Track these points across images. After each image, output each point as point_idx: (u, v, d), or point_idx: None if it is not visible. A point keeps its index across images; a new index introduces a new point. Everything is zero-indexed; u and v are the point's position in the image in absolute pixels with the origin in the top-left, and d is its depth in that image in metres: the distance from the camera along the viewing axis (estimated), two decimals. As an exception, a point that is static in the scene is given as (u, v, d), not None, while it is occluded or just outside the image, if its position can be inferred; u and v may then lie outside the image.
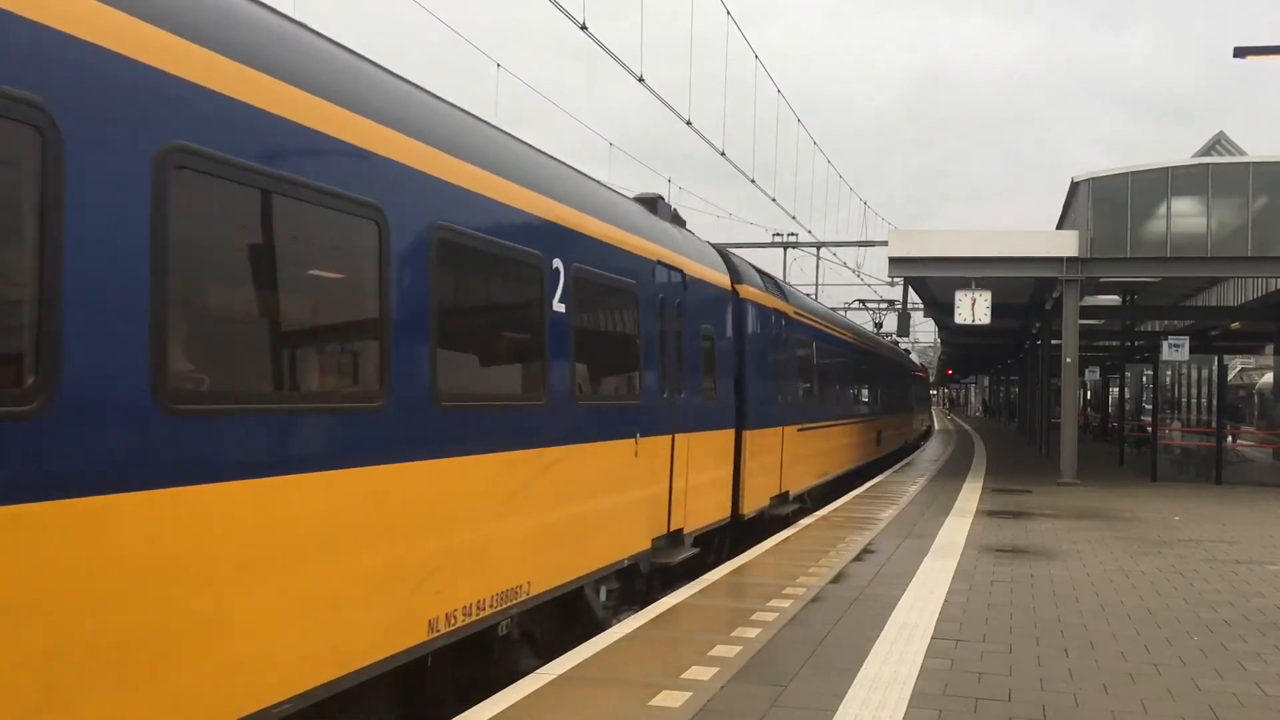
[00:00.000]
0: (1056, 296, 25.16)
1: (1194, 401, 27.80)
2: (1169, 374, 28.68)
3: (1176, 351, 25.89)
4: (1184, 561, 11.93)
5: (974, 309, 23.07)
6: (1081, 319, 24.07)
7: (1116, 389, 37.58)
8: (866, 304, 52.21)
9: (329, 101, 5.28)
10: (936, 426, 61.03)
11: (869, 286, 53.65)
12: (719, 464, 12.19)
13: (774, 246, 43.15)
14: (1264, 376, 35.44)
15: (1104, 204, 22.41)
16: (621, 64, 15.48)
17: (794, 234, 44.08)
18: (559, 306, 7.78)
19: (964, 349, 59.18)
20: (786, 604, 8.89)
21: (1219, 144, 42.88)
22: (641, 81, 16.32)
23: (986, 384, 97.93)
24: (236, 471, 4.50)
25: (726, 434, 12.53)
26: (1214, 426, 24.72)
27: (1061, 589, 10.01)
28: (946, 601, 9.19)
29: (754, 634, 7.76)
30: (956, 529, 14.32)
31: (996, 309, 23.48)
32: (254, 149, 4.68)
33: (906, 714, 5.97)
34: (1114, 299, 33.59)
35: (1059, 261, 22.63)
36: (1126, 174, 22.49)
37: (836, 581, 10.07)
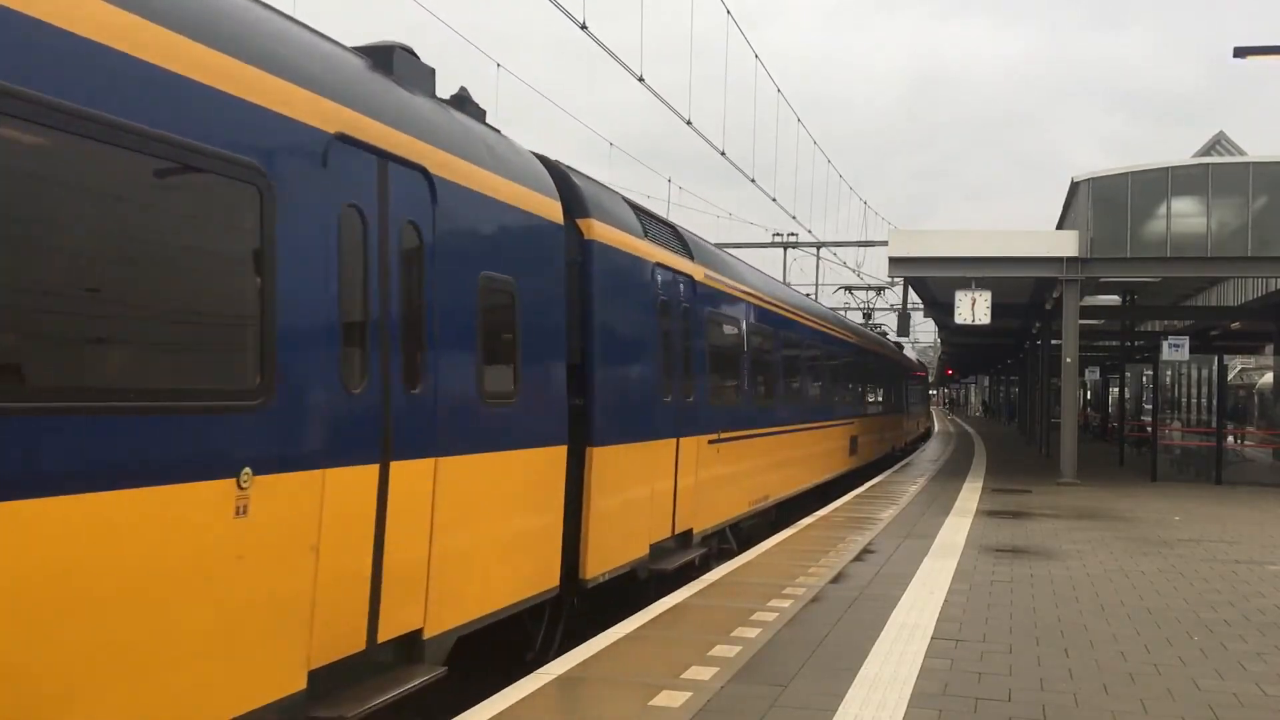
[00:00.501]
0: (1056, 296, 25.17)
1: (1194, 401, 27.82)
2: (1169, 374, 28.69)
3: (1176, 351, 25.89)
4: (1184, 561, 11.93)
5: (974, 309, 23.08)
6: (1081, 319, 24.08)
7: (1116, 389, 37.59)
8: (853, 290, 47.67)
9: None
10: (936, 428, 59.91)
11: (869, 288, 53.25)
12: (527, 504, 7.60)
13: (774, 246, 43.20)
14: (1264, 376, 35.46)
15: (1104, 204, 22.42)
16: (621, 63, 15.49)
17: (794, 234, 44.17)
18: None
19: (964, 349, 59.15)
20: (786, 604, 8.89)
21: (1219, 144, 42.88)
22: (641, 81, 16.32)
23: (986, 384, 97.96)
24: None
25: (548, 454, 7.97)
26: (1214, 426, 24.72)
27: (1061, 589, 10.01)
28: (946, 601, 9.19)
29: (754, 634, 7.76)
30: (956, 529, 14.32)
31: (996, 309, 23.48)
32: None
33: (906, 714, 5.97)
34: (1114, 299, 33.59)
35: (1059, 261, 22.63)
36: (1126, 174, 22.49)
37: (836, 581, 10.07)
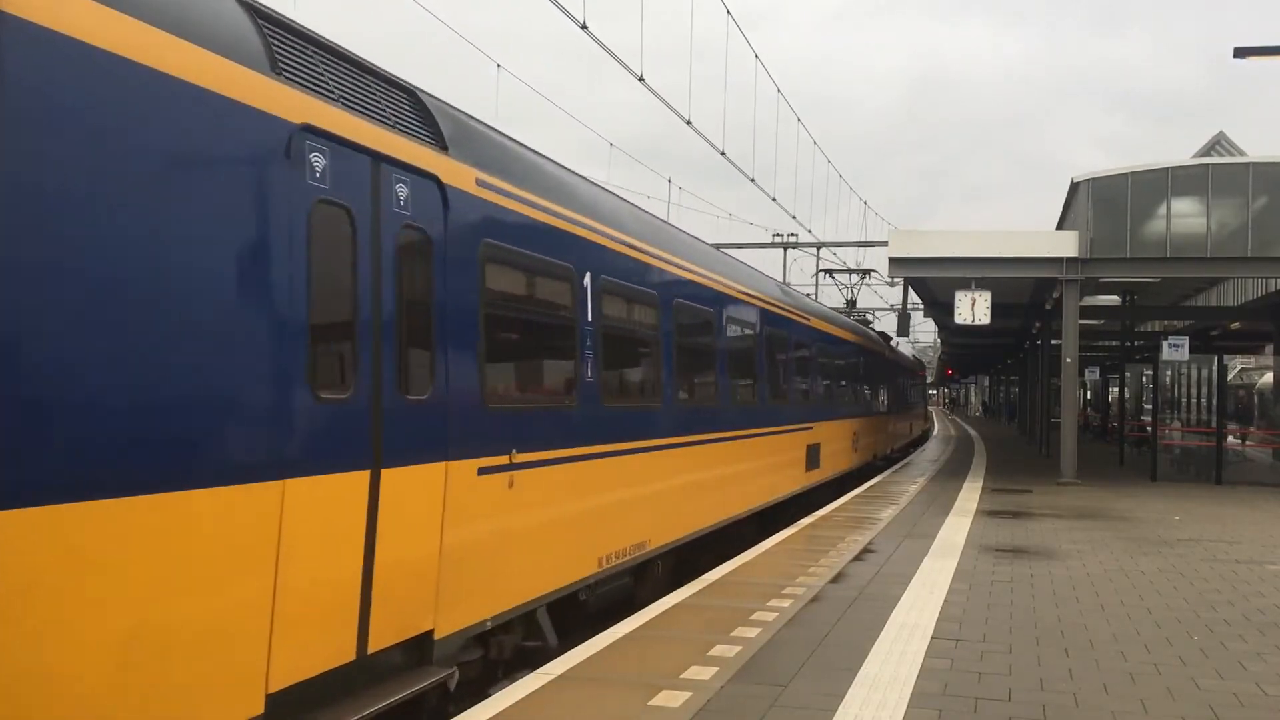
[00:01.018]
0: (1056, 296, 25.17)
1: (1194, 401, 27.82)
2: (1169, 374, 28.69)
3: (1176, 351, 25.90)
4: (1184, 561, 11.93)
5: (974, 309, 23.08)
6: (1081, 319, 24.08)
7: (1116, 389, 37.58)
8: (833, 274, 41.13)
9: None
10: (936, 429, 58.98)
11: (870, 287, 53.28)
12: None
13: (774, 246, 43.17)
14: (1264, 376, 35.46)
15: (1104, 204, 22.42)
16: (621, 63, 15.49)
17: (794, 234, 44.12)
18: None
19: (964, 349, 59.10)
20: (786, 604, 8.89)
21: (1219, 144, 42.89)
22: (641, 81, 16.32)
23: (986, 384, 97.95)
24: None
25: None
26: (1214, 426, 24.72)
27: (1061, 589, 10.01)
28: (946, 601, 9.19)
29: (754, 634, 7.77)
30: (956, 529, 14.32)
31: (996, 309, 23.49)
32: None
33: (906, 714, 5.98)
34: (1114, 299, 33.60)
35: (1059, 262, 22.64)
36: (1126, 174, 22.49)
37: (836, 581, 10.07)
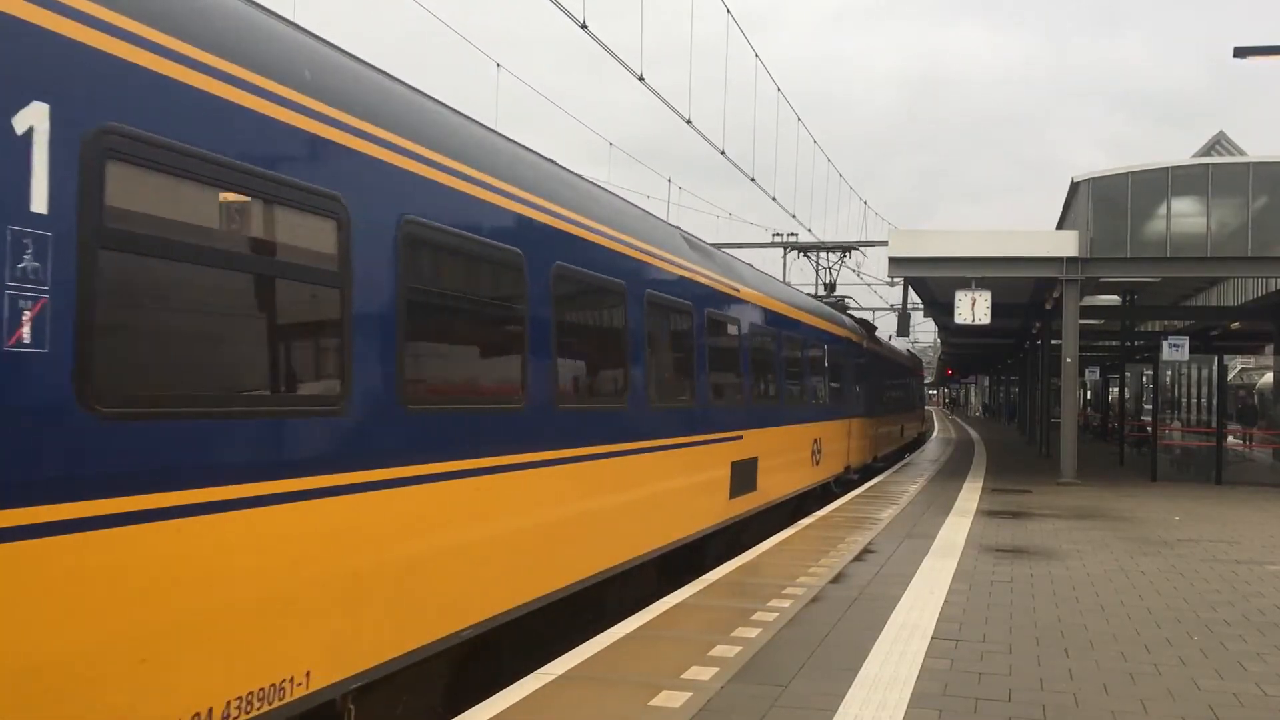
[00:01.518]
0: (1056, 296, 25.16)
1: (1194, 401, 27.81)
2: (1169, 374, 28.67)
3: (1176, 351, 25.89)
4: (1184, 561, 11.93)
5: (974, 309, 23.07)
6: (1081, 319, 24.07)
7: (1116, 389, 37.57)
8: (806, 252, 33.56)
9: None
10: (936, 430, 58.24)
11: (869, 287, 53.28)
12: None
13: (774, 246, 43.16)
14: (1264, 376, 35.46)
15: (1104, 204, 22.41)
16: (621, 62, 15.49)
17: (794, 234, 44.08)
18: None
19: (964, 349, 59.07)
20: (786, 604, 8.89)
21: (1219, 144, 42.88)
22: (641, 80, 16.33)
23: (987, 384, 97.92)
24: None
25: None
26: (1214, 426, 24.72)
27: (1061, 589, 10.01)
28: (946, 601, 9.19)
29: (754, 634, 7.76)
30: (956, 529, 14.32)
31: (996, 309, 23.48)
32: None
33: (906, 714, 5.97)
34: (1114, 299, 33.59)
35: (1059, 261, 22.63)
36: (1126, 174, 22.49)
37: (836, 581, 10.07)
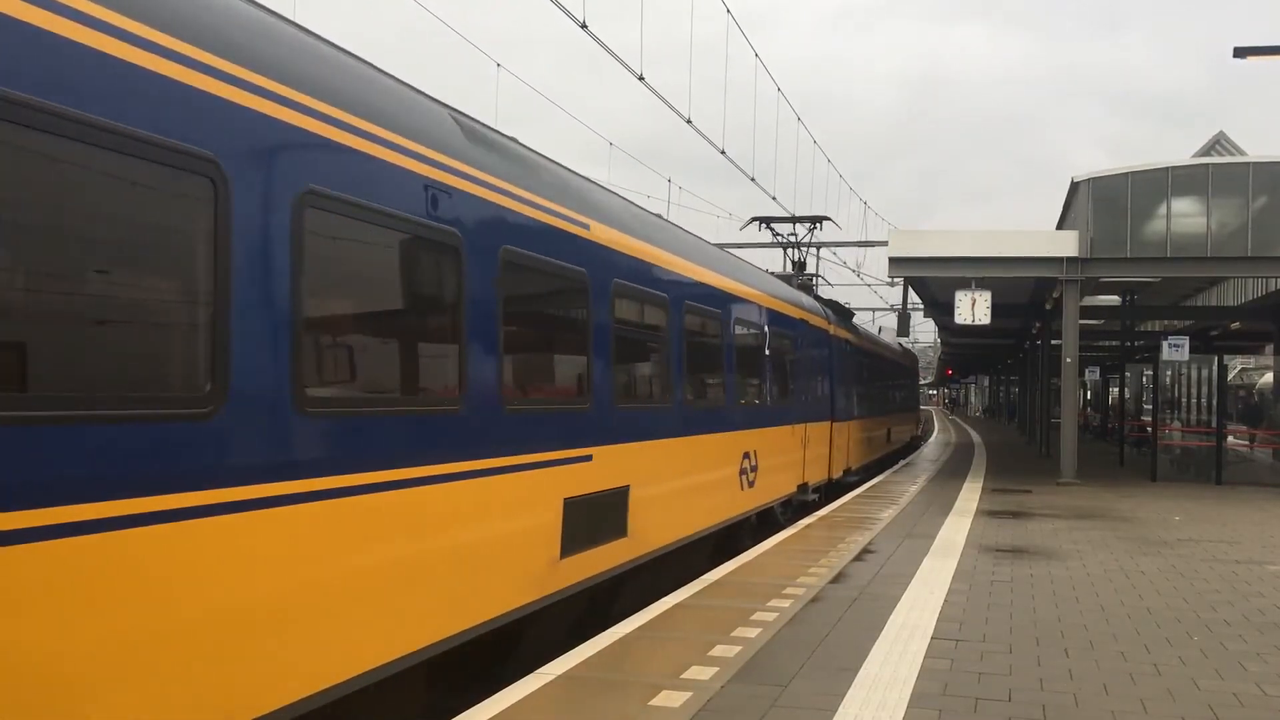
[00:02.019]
0: (1056, 296, 25.16)
1: (1194, 401, 27.80)
2: (1169, 374, 28.67)
3: (1176, 351, 25.89)
4: (1184, 561, 11.93)
5: (974, 309, 23.07)
6: (1081, 319, 24.07)
7: (1116, 389, 37.57)
8: (772, 225, 26.58)
9: None
10: (936, 431, 57.40)
11: (869, 287, 53.35)
12: None
13: (774, 246, 43.11)
14: (1264, 376, 35.46)
15: (1104, 204, 22.41)
16: (621, 62, 15.49)
17: (794, 234, 44.04)
18: None
19: (964, 349, 59.08)
20: (786, 604, 8.89)
21: (1219, 144, 42.86)
22: (641, 80, 16.33)
23: (987, 384, 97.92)
24: None
25: None
26: (1214, 426, 24.71)
27: (1061, 589, 10.01)
28: (946, 601, 9.19)
29: (754, 634, 7.76)
30: (956, 529, 14.32)
31: (996, 309, 23.48)
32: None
33: (906, 714, 5.97)
34: (1114, 299, 33.59)
35: (1059, 261, 22.63)
36: (1126, 174, 22.48)
37: (836, 581, 10.07)
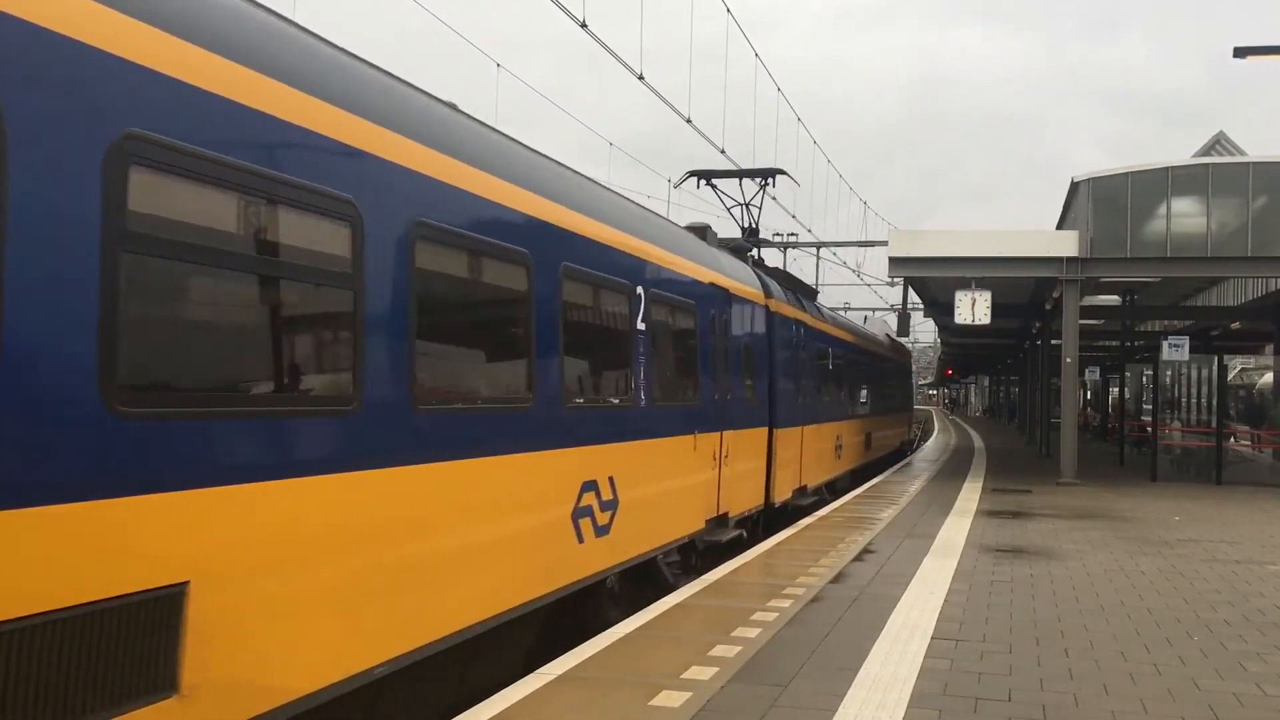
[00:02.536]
0: (1056, 296, 25.16)
1: (1194, 401, 27.80)
2: (1169, 374, 28.66)
3: (1176, 351, 25.90)
4: (1184, 561, 11.92)
5: (974, 309, 23.07)
6: (1081, 319, 24.08)
7: (1116, 389, 37.57)
8: (715, 181, 19.60)
9: None
10: (935, 433, 57.02)
11: (869, 287, 53.39)
12: None
13: (774, 246, 43.15)
14: (1264, 376, 35.45)
15: (1104, 204, 22.42)
16: (621, 61, 15.50)
17: (794, 234, 44.11)
18: None
19: (964, 349, 59.07)
20: (786, 604, 8.89)
21: (1219, 144, 42.86)
22: (641, 79, 16.33)
23: (987, 384, 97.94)
24: None
25: None
26: (1214, 426, 24.71)
27: (1061, 589, 10.01)
28: (946, 601, 9.19)
29: (754, 634, 7.76)
30: (956, 529, 14.32)
31: (996, 309, 23.48)
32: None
33: (906, 714, 5.97)
34: (1114, 299, 33.59)
35: (1059, 261, 22.63)
36: (1126, 174, 22.49)
37: (836, 581, 10.07)
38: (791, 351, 16.65)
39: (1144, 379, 32.05)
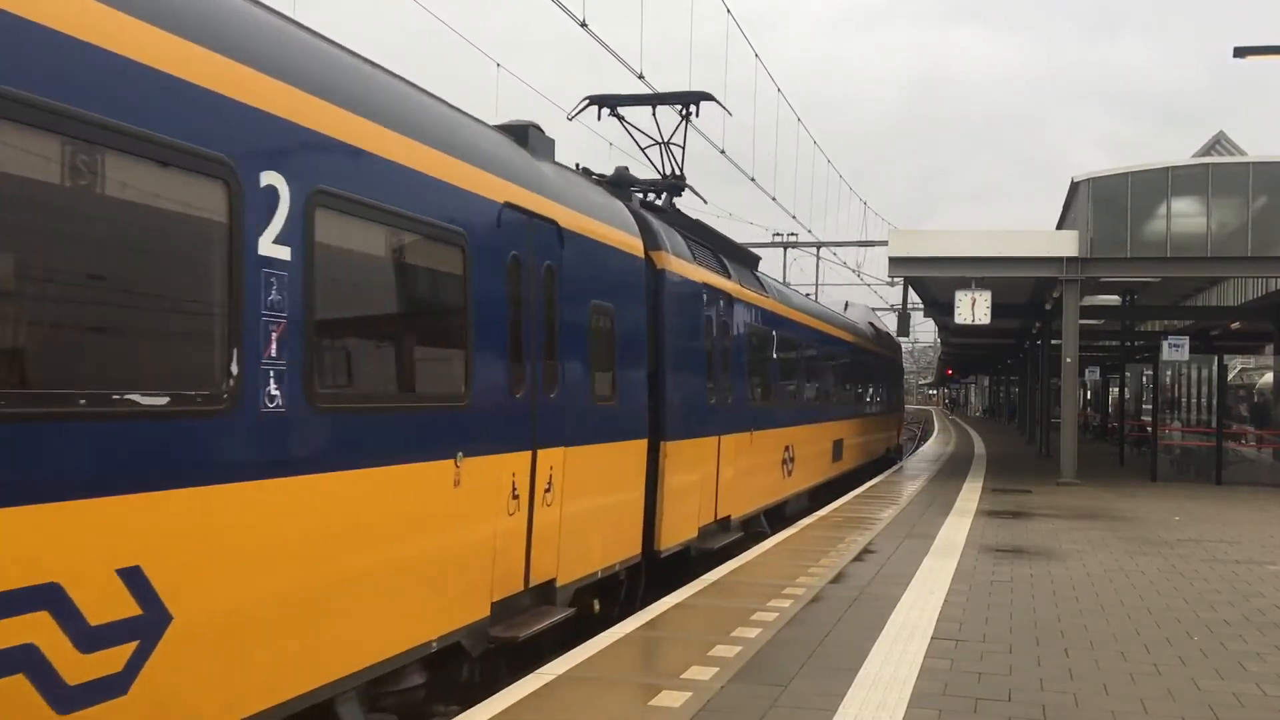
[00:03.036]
0: (1056, 296, 25.16)
1: (1194, 401, 27.80)
2: (1169, 374, 28.66)
3: (1176, 351, 25.90)
4: (1184, 561, 11.92)
5: (974, 309, 23.06)
6: (1081, 319, 24.08)
7: (1116, 389, 37.57)
8: (620, 112, 13.72)
9: None
10: (937, 428, 57.35)
11: (869, 287, 53.41)
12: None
13: (774, 246, 43.21)
14: (1264, 376, 35.47)
15: (1104, 204, 22.42)
16: (621, 60, 15.52)
17: (794, 234, 44.15)
18: None
19: (964, 349, 59.06)
20: (786, 604, 8.89)
21: (1219, 144, 42.87)
22: (641, 79, 16.35)
23: (987, 384, 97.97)
24: None
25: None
26: (1214, 426, 24.71)
27: (1061, 589, 10.01)
28: (946, 601, 9.19)
29: (754, 634, 7.76)
30: (956, 529, 14.32)
31: (996, 309, 23.48)
32: None
33: (906, 714, 5.97)
34: (1114, 299, 33.59)
35: (1059, 261, 22.63)
36: (1126, 174, 22.49)
37: (836, 581, 10.07)
38: (700, 331, 11.78)
39: (1144, 379, 32.05)
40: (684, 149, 14.15)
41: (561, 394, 8.24)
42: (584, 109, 13.78)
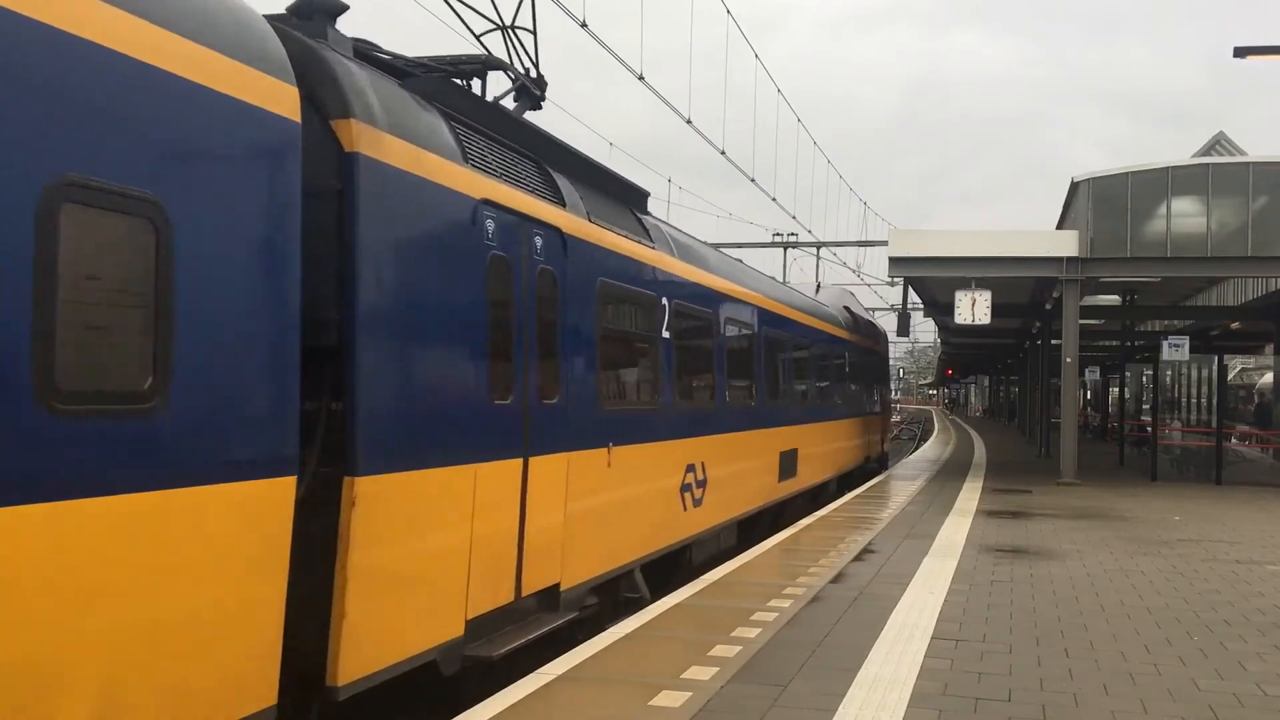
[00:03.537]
0: (1056, 296, 25.16)
1: (1194, 401, 27.79)
2: (1169, 374, 28.66)
3: (1176, 351, 25.90)
4: (1184, 561, 11.92)
5: (974, 309, 23.06)
6: (1081, 319, 24.07)
7: (1116, 389, 37.57)
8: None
9: None
10: (937, 428, 57.40)
11: (869, 287, 53.35)
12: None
13: (774, 246, 43.21)
14: (1264, 376, 35.48)
15: (1104, 204, 22.41)
16: (621, 61, 15.50)
17: (794, 234, 44.15)
18: None
19: (964, 349, 59.07)
20: (786, 604, 8.89)
21: (1219, 144, 42.87)
22: (641, 79, 16.33)
23: (987, 384, 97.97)
24: None
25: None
26: (1214, 426, 24.71)
27: (1061, 589, 10.01)
28: (946, 601, 9.19)
29: (754, 634, 7.76)
30: (956, 529, 14.32)
31: (996, 309, 23.47)
32: None
33: (906, 714, 5.97)
34: (1114, 299, 33.60)
35: (1059, 261, 22.62)
36: (1126, 174, 22.48)
37: (836, 581, 10.07)
38: (472, 279, 6.96)
39: (1144, 379, 32.05)
40: (535, 35, 9.36)
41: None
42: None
